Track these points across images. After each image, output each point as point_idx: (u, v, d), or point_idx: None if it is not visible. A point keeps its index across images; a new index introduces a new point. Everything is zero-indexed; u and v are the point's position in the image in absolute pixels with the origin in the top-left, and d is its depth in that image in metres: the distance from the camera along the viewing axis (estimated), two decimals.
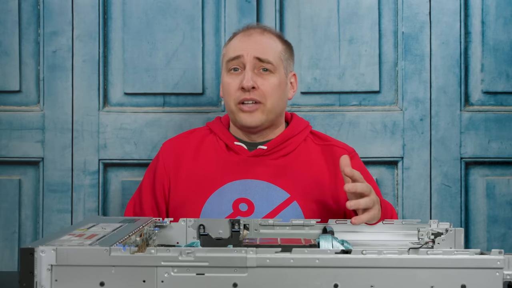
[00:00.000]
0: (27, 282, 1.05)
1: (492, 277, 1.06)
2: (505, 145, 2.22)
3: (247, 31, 1.81)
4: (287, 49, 1.82)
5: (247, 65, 1.74)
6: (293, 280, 1.06)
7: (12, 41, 2.26)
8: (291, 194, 1.74)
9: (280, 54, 1.78)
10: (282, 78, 1.78)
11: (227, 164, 1.78)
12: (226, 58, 1.79)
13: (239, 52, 1.75)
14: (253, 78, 1.73)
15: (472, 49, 2.24)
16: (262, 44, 1.77)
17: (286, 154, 1.80)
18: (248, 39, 1.78)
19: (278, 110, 1.78)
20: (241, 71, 1.75)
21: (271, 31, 1.83)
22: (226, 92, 1.77)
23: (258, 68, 1.75)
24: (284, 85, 1.80)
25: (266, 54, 1.75)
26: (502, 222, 2.22)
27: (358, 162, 1.83)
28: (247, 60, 1.74)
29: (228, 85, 1.76)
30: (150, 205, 1.81)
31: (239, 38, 1.79)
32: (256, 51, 1.75)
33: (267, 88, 1.74)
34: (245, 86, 1.72)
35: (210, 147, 1.82)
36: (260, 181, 1.75)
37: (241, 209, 1.72)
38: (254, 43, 1.76)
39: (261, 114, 1.75)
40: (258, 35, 1.79)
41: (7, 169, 2.27)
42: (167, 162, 1.82)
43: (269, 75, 1.75)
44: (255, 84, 1.73)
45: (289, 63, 1.82)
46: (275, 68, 1.76)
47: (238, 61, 1.75)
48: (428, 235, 1.38)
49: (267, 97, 1.74)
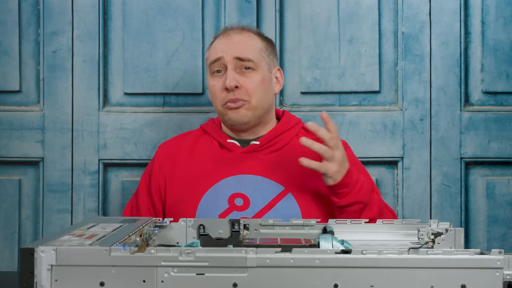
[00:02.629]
0: (27, 282, 1.05)
1: (492, 277, 1.06)
2: (505, 145, 2.22)
3: (225, 32, 1.84)
4: (267, 46, 1.85)
5: (228, 65, 1.77)
6: (293, 280, 1.06)
7: (12, 41, 2.26)
8: (286, 186, 1.76)
9: (261, 51, 1.81)
10: (265, 74, 1.80)
11: (221, 161, 1.80)
12: (208, 61, 1.82)
13: (219, 54, 1.78)
14: (235, 78, 1.76)
15: (472, 49, 2.24)
16: (241, 43, 1.80)
17: (278, 148, 1.82)
18: (227, 40, 1.81)
19: (264, 105, 1.80)
20: (223, 72, 1.78)
21: (250, 29, 1.86)
22: (213, 94, 1.81)
23: (240, 67, 1.77)
24: (269, 81, 1.82)
25: (245, 52, 1.78)
26: (502, 222, 2.22)
27: (350, 153, 1.84)
28: (228, 60, 1.77)
29: (213, 87, 1.80)
30: (147, 207, 1.84)
31: (219, 41, 1.83)
32: (235, 51, 1.77)
33: (250, 86, 1.77)
34: (228, 86, 1.75)
35: (204, 147, 1.85)
36: (255, 176, 1.77)
37: (236, 204, 1.74)
38: (233, 43, 1.79)
39: (246, 111, 1.77)
40: (237, 34, 1.82)
41: (7, 169, 2.27)
42: (162, 164, 1.85)
43: (251, 73, 1.78)
44: (237, 83, 1.75)
45: (271, 58, 1.84)
46: (257, 65, 1.78)
47: (220, 62, 1.78)
48: (428, 235, 1.38)
49: (251, 95, 1.77)
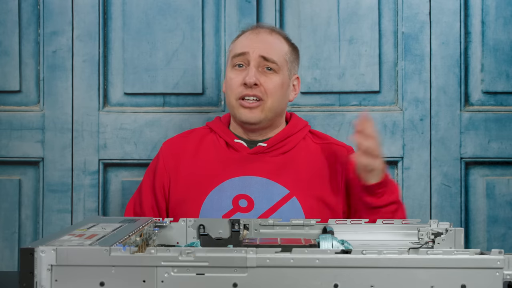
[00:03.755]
0: (27, 282, 1.05)
1: (492, 277, 1.06)
2: (505, 145, 2.22)
3: (255, 29, 1.84)
4: (293, 52, 1.85)
5: (252, 62, 1.76)
6: (293, 280, 1.06)
7: (12, 41, 2.26)
8: (290, 190, 1.75)
9: (286, 56, 1.81)
10: (285, 79, 1.80)
11: (227, 161, 1.80)
12: (232, 53, 1.81)
13: (245, 49, 1.78)
14: (256, 75, 1.75)
15: (472, 49, 2.24)
16: (269, 43, 1.80)
17: (285, 151, 1.81)
18: (256, 37, 1.80)
19: (278, 109, 1.80)
20: (245, 67, 1.78)
21: (280, 32, 1.87)
22: (229, 87, 1.80)
23: (263, 67, 1.77)
24: (287, 86, 1.82)
25: (271, 53, 1.78)
26: (502, 222, 2.22)
27: None
28: (252, 57, 1.76)
29: (231, 80, 1.79)
30: (150, 204, 1.83)
31: (247, 36, 1.82)
32: (262, 49, 1.77)
33: (270, 86, 1.76)
34: (247, 82, 1.74)
35: (210, 145, 1.84)
36: (260, 178, 1.76)
37: (241, 205, 1.74)
38: (261, 41, 1.79)
39: (260, 112, 1.77)
40: (266, 34, 1.82)
41: (7, 169, 2.27)
42: (167, 161, 1.84)
43: (272, 74, 1.78)
44: (257, 81, 1.75)
45: (293, 65, 1.85)
46: (279, 68, 1.78)
47: (244, 57, 1.78)
48: (428, 235, 1.37)
49: (269, 95, 1.76)
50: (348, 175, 1.78)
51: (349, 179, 1.78)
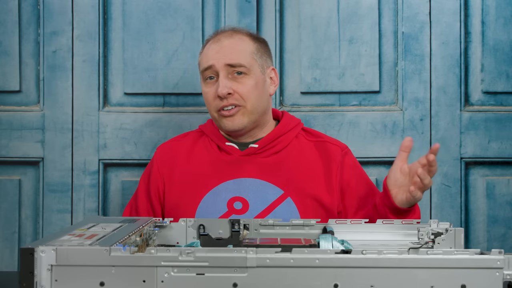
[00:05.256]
0: (27, 282, 1.05)
1: (492, 277, 1.06)
2: (505, 145, 2.22)
3: (215, 37, 1.82)
4: (260, 47, 1.82)
5: (220, 72, 1.75)
6: (293, 280, 1.06)
7: (12, 41, 2.26)
8: (285, 190, 1.75)
9: (253, 54, 1.79)
10: (258, 77, 1.78)
11: (220, 164, 1.80)
12: (200, 68, 1.81)
13: (210, 61, 1.77)
14: (228, 85, 1.74)
15: (472, 49, 2.24)
16: (232, 48, 1.77)
17: (278, 151, 1.81)
18: (217, 46, 1.78)
19: (259, 109, 1.79)
20: (216, 79, 1.77)
21: (241, 31, 1.83)
22: (206, 101, 1.80)
23: (232, 73, 1.76)
24: (262, 83, 1.80)
25: (236, 58, 1.75)
26: (502, 222, 2.22)
27: (351, 159, 1.84)
28: (219, 67, 1.75)
29: (206, 94, 1.78)
30: (146, 209, 1.84)
31: (209, 47, 1.80)
32: (225, 58, 1.75)
33: (244, 91, 1.75)
34: (220, 94, 1.73)
35: (203, 149, 1.84)
36: (254, 179, 1.76)
37: (235, 207, 1.74)
38: (223, 48, 1.77)
39: (242, 117, 1.76)
40: (227, 39, 1.79)
41: (7, 169, 2.27)
42: (161, 166, 1.84)
43: (244, 78, 1.76)
44: (230, 90, 1.74)
45: (264, 59, 1.82)
46: (249, 69, 1.76)
47: (211, 70, 1.77)
48: (428, 235, 1.38)
49: (246, 100, 1.75)
50: (343, 176, 1.78)
51: (344, 180, 1.78)
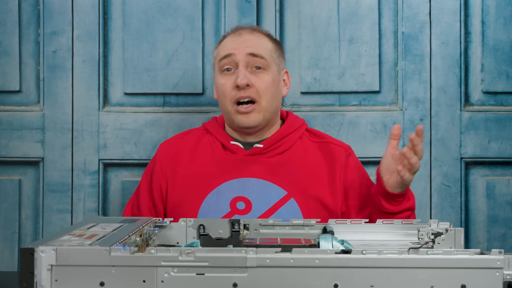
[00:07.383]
0: (27, 282, 1.05)
1: (492, 277, 1.06)
2: (505, 145, 2.22)
3: (236, 31, 1.82)
4: (277, 47, 1.84)
5: (240, 63, 1.75)
6: (293, 280, 1.06)
7: (12, 41, 2.26)
8: (288, 191, 1.74)
9: (271, 52, 1.80)
10: (275, 76, 1.79)
11: (224, 163, 1.79)
12: (218, 58, 1.80)
13: (231, 50, 1.76)
14: (247, 76, 1.74)
15: (472, 49, 2.24)
16: (253, 41, 1.78)
17: (282, 152, 1.80)
18: (239, 38, 1.79)
19: (273, 108, 1.79)
20: (234, 71, 1.76)
21: (261, 30, 1.85)
22: (221, 93, 1.78)
23: (251, 66, 1.76)
24: (278, 83, 1.81)
25: (258, 50, 1.77)
26: (502, 222, 2.22)
27: (355, 159, 1.84)
28: (240, 58, 1.75)
29: (223, 86, 1.77)
30: (148, 207, 1.82)
31: (229, 39, 1.81)
32: (247, 48, 1.76)
33: (261, 86, 1.75)
34: (239, 84, 1.72)
35: (207, 147, 1.83)
36: (257, 179, 1.76)
37: (238, 207, 1.73)
38: (245, 41, 1.78)
39: (257, 114, 1.76)
40: (248, 34, 1.80)
41: (7, 169, 2.27)
42: (164, 163, 1.83)
43: (262, 73, 1.76)
44: (249, 81, 1.73)
45: (280, 60, 1.83)
46: (268, 65, 1.77)
47: (230, 59, 1.76)
48: (428, 235, 1.38)
49: (262, 95, 1.75)
50: (347, 177, 1.78)
51: (348, 180, 1.78)
